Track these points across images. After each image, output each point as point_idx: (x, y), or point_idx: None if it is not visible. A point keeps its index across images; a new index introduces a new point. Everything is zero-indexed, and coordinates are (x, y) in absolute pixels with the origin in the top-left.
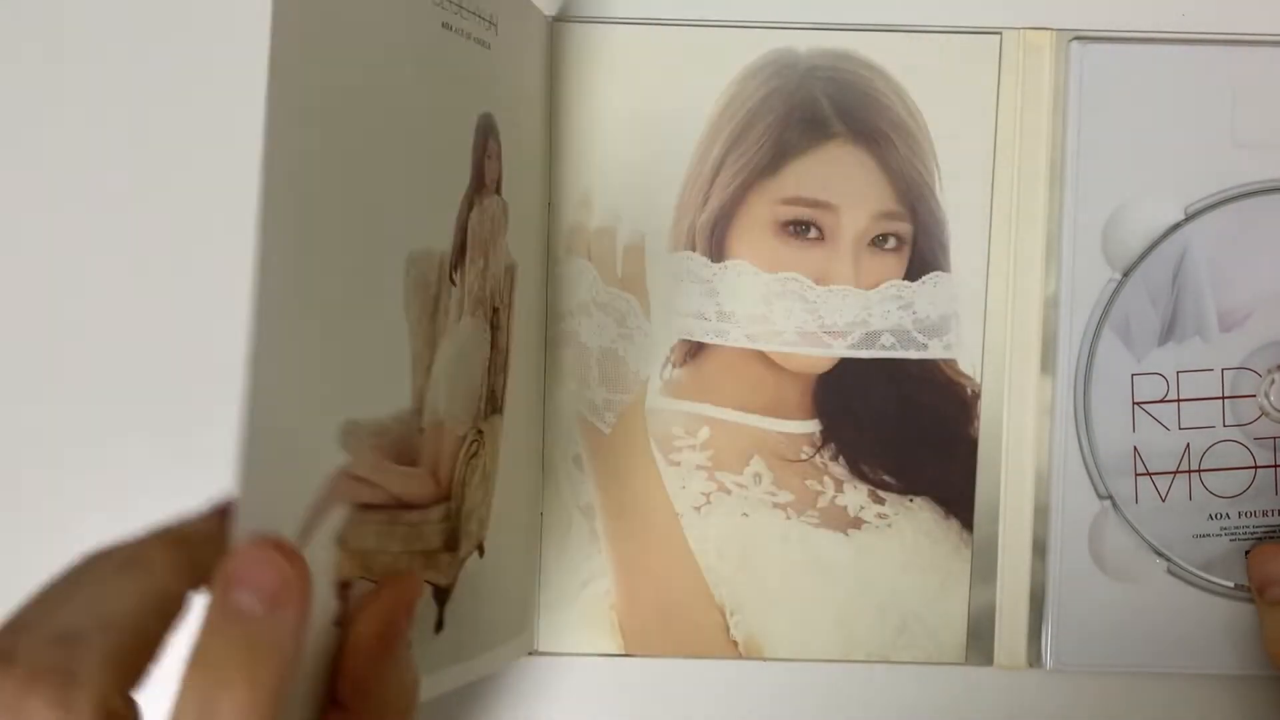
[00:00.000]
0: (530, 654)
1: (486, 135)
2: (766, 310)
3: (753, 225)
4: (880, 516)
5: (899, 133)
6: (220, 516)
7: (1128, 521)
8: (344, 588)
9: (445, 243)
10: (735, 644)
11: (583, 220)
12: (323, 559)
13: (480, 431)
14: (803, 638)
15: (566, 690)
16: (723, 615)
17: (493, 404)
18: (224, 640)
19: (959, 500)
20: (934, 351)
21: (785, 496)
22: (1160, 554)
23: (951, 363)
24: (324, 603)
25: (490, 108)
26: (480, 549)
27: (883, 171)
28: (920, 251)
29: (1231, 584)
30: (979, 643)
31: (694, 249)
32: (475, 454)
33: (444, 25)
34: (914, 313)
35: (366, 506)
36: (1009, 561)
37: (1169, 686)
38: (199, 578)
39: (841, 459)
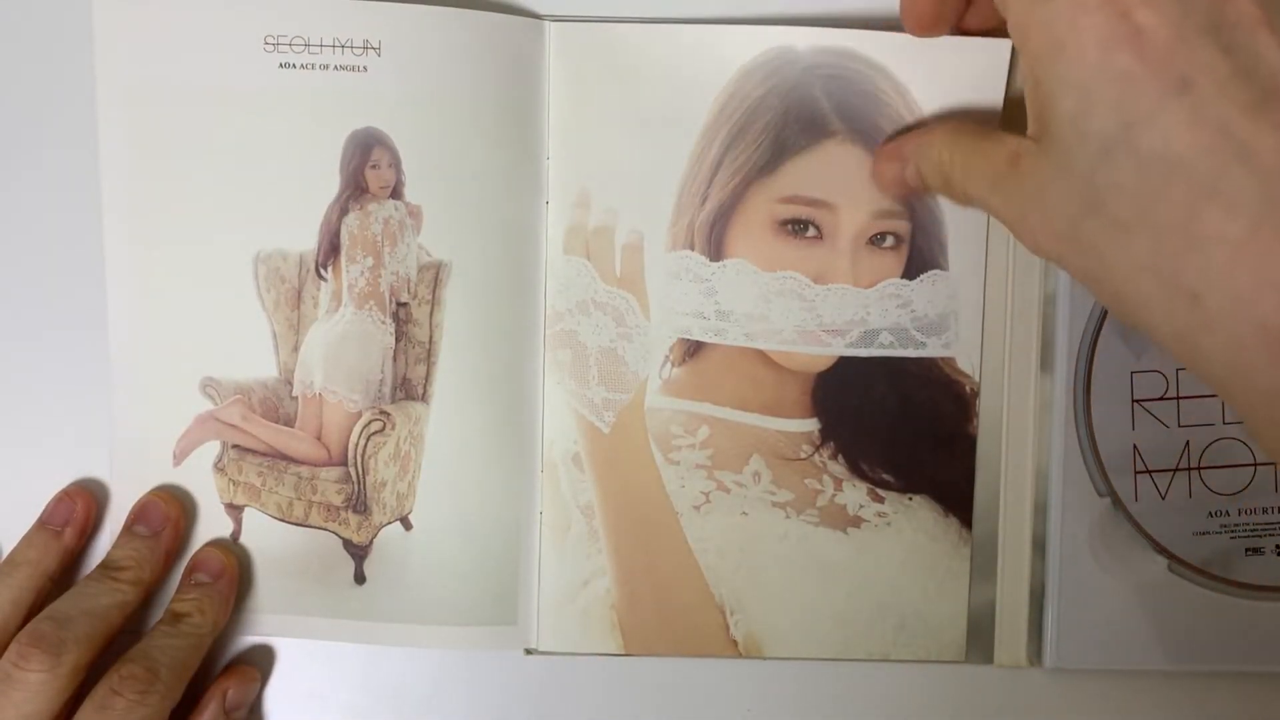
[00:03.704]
0: (529, 653)
1: (368, 147)
2: (765, 309)
3: (751, 224)
4: (879, 515)
5: (897, 128)
6: (80, 497)
7: (1128, 519)
8: (234, 509)
9: (307, 244)
10: (735, 643)
11: (581, 219)
12: (203, 479)
13: (385, 413)
14: (802, 637)
15: (566, 690)
16: (722, 614)
17: (408, 391)
18: (129, 551)
19: (958, 498)
20: (932, 350)
21: (785, 495)
22: (1161, 551)
23: (950, 361)
24: (216, 515)
25: (374, 122)
26: (405, 523)
27: None
28: (919, 250)
29: (1233, 581)
30: (979, 641)
31: (692, 248)
32: (379, 432)
33: (282, 65)
34: (912, 311)
35: (243, 448)
36: (1009, 560)
37: (1170, 684)
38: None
39: (841, 457)
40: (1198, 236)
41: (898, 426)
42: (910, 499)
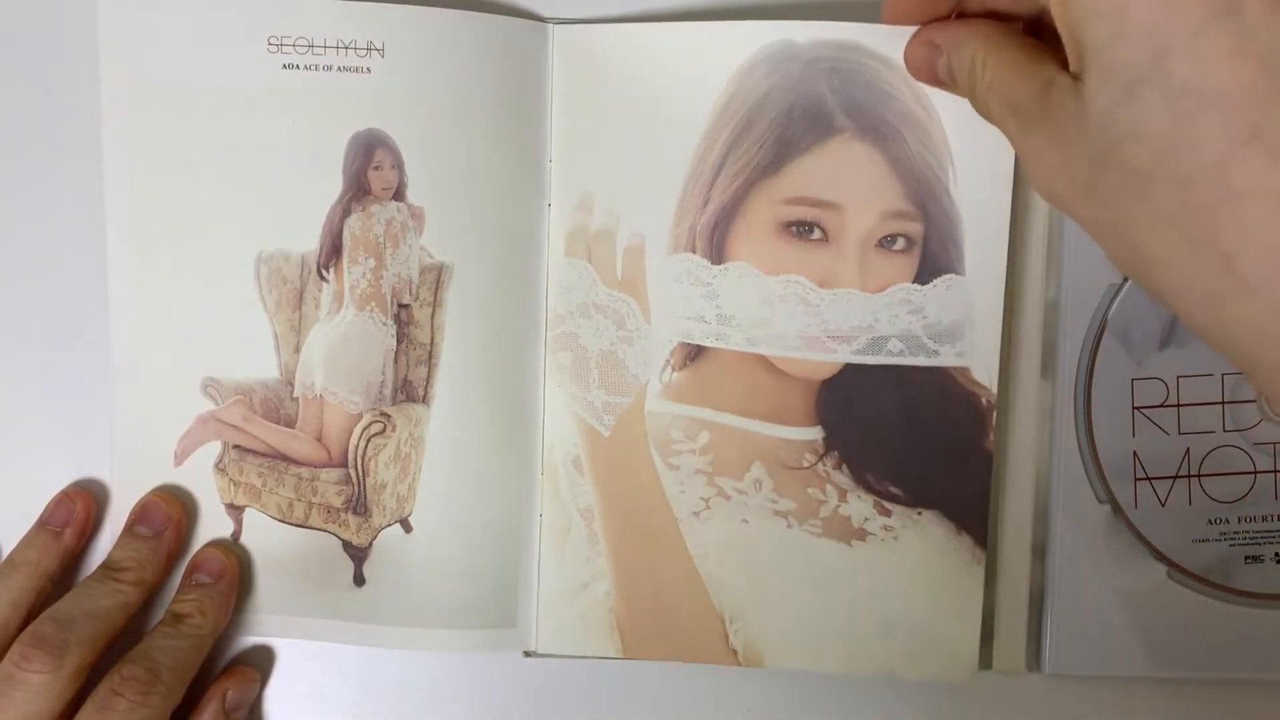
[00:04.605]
0: (528, 655)
1: (370, 148)
2: (768, 313)
3: (754, 226)
4: (886, 529)
5: (909, 126)
6: (80, 498)
7: (1127, 526)
8: (235, 510)
9: (309, 245)
10: (735, 652)
11: (583, 222)
12: (203, 480)
13: (385, 415)
14: (804, 649)
15: (565, 692)
16: (722, 622)
17: (409, 393)
18: (131, 551)
19: (972, 515)
20: (946, 359)
21: (787, 504)
22: (1160, 559)
23: (964, 371)
24: (216, 515)
25: (377, 123)
26: (405, 525)
27: (891, 168)
28: (932, 253)
29: (1232, 589)
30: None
31: (694, 251)
32: (379, 434)
33: (285, 66)
34: (924, 317)
35: (244, 449)
36: (1008, 565)
37: (1168, 691)
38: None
39: (845, 468)
40: (1232, 188)
41: (907, 438)
42: (919, 514)
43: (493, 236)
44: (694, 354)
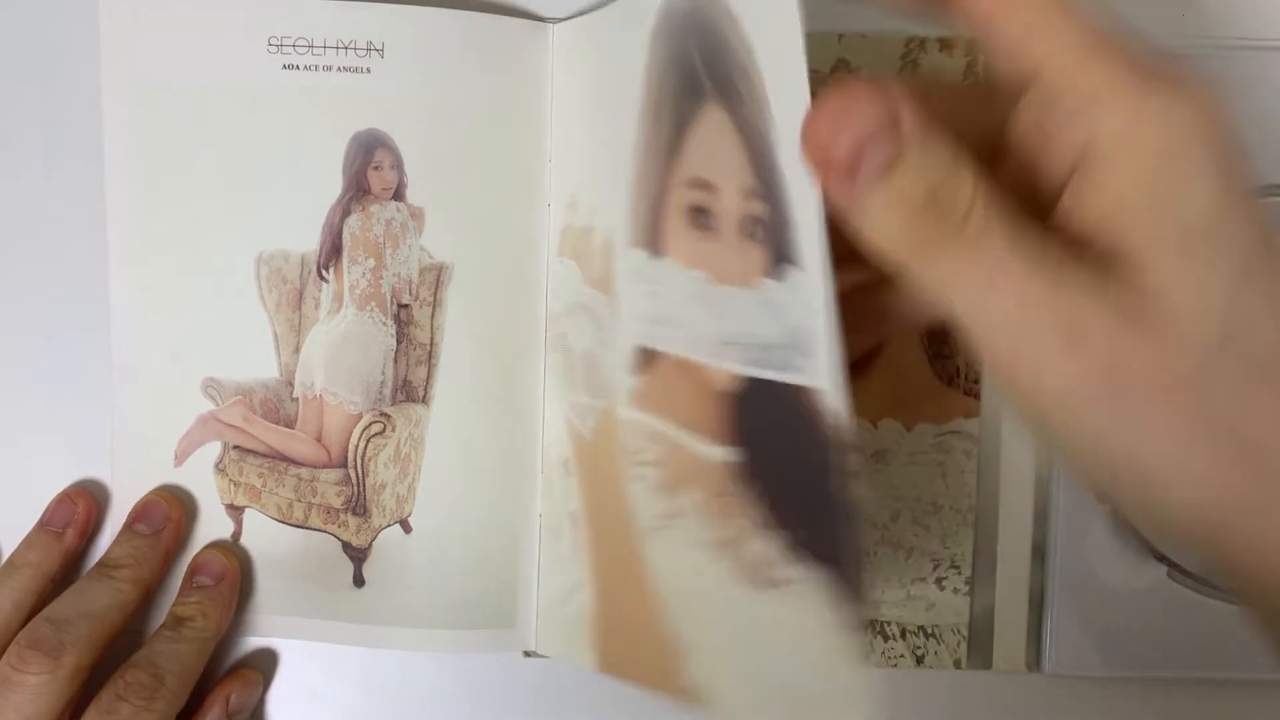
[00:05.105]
0: (528, 655)
1: (370, 148)
2: (687, 313)
3: (673, 217)
4: (791, 580)
5: (744, 80)
6: (81, 499)
7: (1128, 526)
8: (235, 510)
9: (309, 245)
10: (686, 690)
11: (571, 220)
12: (203, 480)
13: (385, 415)
14: (740, 698)
15: (565, 692)
16: (677, 655)
17: (409, 393)
18: (129, 549)
19: (843, 589)
20: (808, 375)
21: (716, 534)
22: (1160, 559)
23: (820, 394)
24: (217, 516)
25: (377, 124)
26: (405, 525)
27: (739, 135)
28: (775, 240)
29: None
30: (978, 646)
31: (641, 245)
32: (379, 434)
33: (285, 67)
34: (785, 322)
35: (244, 449)
36: (1008, 565)
37: (1168, 691)
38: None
39: (758, 500)
40: None
41: (804, 476)
42: (814, 568)
43: (493, 236)
44: (648, 358)
